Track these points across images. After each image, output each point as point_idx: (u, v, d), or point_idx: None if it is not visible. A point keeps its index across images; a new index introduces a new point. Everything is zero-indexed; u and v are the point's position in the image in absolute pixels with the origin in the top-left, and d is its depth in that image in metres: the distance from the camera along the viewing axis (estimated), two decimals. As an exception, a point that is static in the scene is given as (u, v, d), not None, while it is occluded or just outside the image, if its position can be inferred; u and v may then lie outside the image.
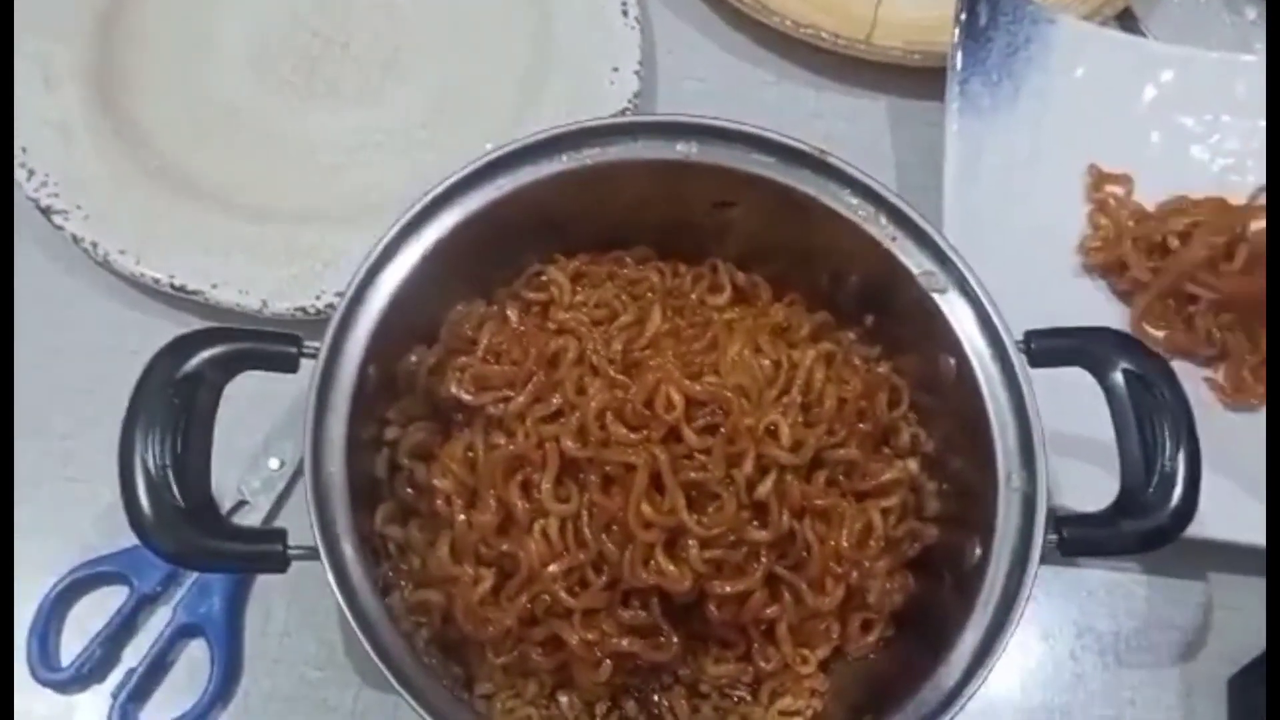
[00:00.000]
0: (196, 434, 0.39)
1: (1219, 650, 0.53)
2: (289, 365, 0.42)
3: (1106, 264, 0.59)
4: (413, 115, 0.62)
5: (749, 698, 0.47)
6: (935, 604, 0.46)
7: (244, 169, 0.59)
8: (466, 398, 0.46)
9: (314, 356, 0.42)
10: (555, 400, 0.45)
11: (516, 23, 0.63)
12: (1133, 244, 0.57)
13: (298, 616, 0.51)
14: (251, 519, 0.52)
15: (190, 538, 0.38)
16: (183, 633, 0.50)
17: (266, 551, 0.39)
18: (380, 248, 0.45)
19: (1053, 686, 0.52)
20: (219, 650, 0.49)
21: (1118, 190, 0.61)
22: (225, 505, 0.52)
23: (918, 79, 0.64)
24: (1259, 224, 0.58)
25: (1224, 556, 0.53)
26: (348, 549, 0.39)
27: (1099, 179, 0.61)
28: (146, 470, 0.38)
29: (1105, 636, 0.53)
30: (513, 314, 0.49)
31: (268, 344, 0.42)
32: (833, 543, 0.45)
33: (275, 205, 0.57)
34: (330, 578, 0.38)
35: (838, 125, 0.64)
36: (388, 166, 0.60)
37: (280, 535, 0.40)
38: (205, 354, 0.40)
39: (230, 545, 0.39)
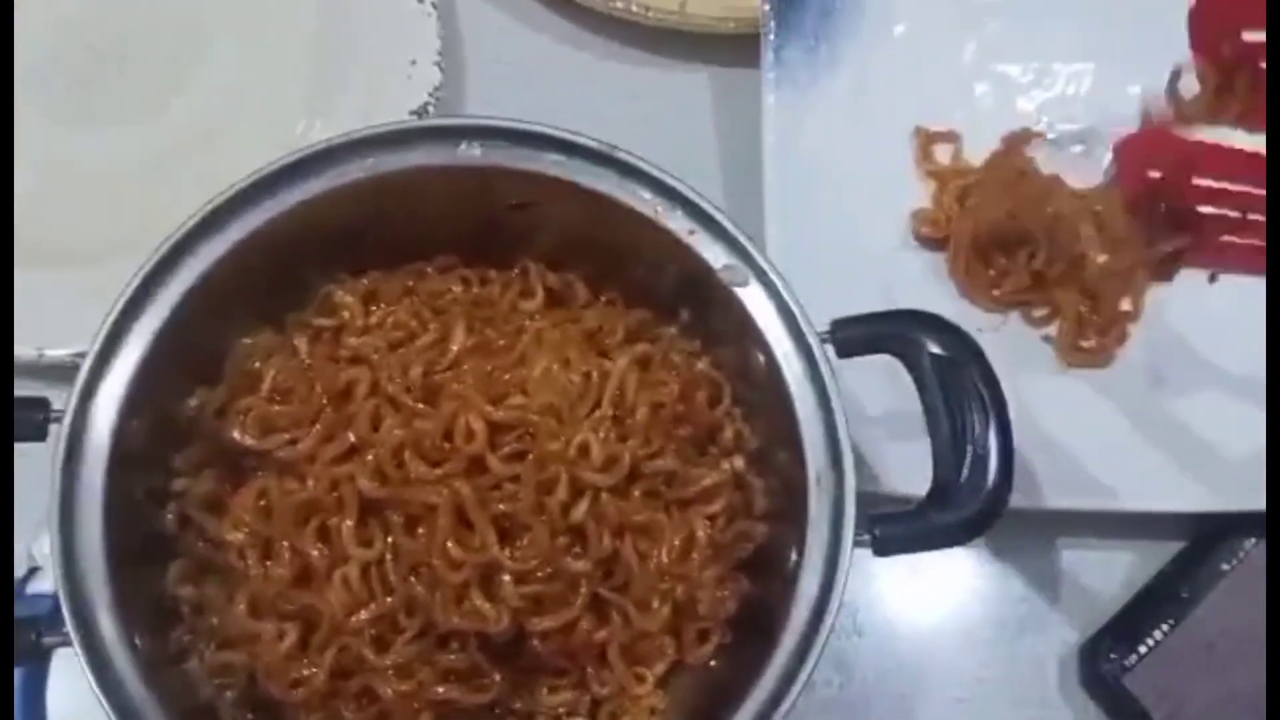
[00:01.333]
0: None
1: (1070, 619, 0.52)
2: (34, 434, 0.39)
3: (938, 239, 0.57)
4: (197, 130, 0.58)
5: (588, 724, 0.45)
6: (766, 606, 0.45)
7: (16, 205, 0.54)
8: (251, 443, 0.43)
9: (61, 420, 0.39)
10: (349, 438, 0.43)
11: (302, 20, 0.59)
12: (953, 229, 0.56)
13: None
14: (45, 585, 0.48)
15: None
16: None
17: (22, 642, 0.36)
18: (131, 289, 0.41)
19: (899, 674, 0.51)
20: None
21: (946, 148, 0.59)
22: (19, 570, 0.48)
23: (738, 47, 0.61)
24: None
25: (1071, 524, 0.52)
26: (110, 634, 0.36)
27: (925, 141, 0.59)
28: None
29: (952, 615, 0.52)
30: (301, 344, 0.46)
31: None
32: (654, 560, 0.43)
33: (52, 243, 0.53)
34: (87, 672, 0.35)
35: (658, 103, 0.61)
36: (174, 188, 0.55)
37: (35, 624, 0.37)
38: (-67, 432, 0.37)
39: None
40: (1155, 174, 0.57)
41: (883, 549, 0.40)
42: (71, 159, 0.57)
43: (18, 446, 0.39)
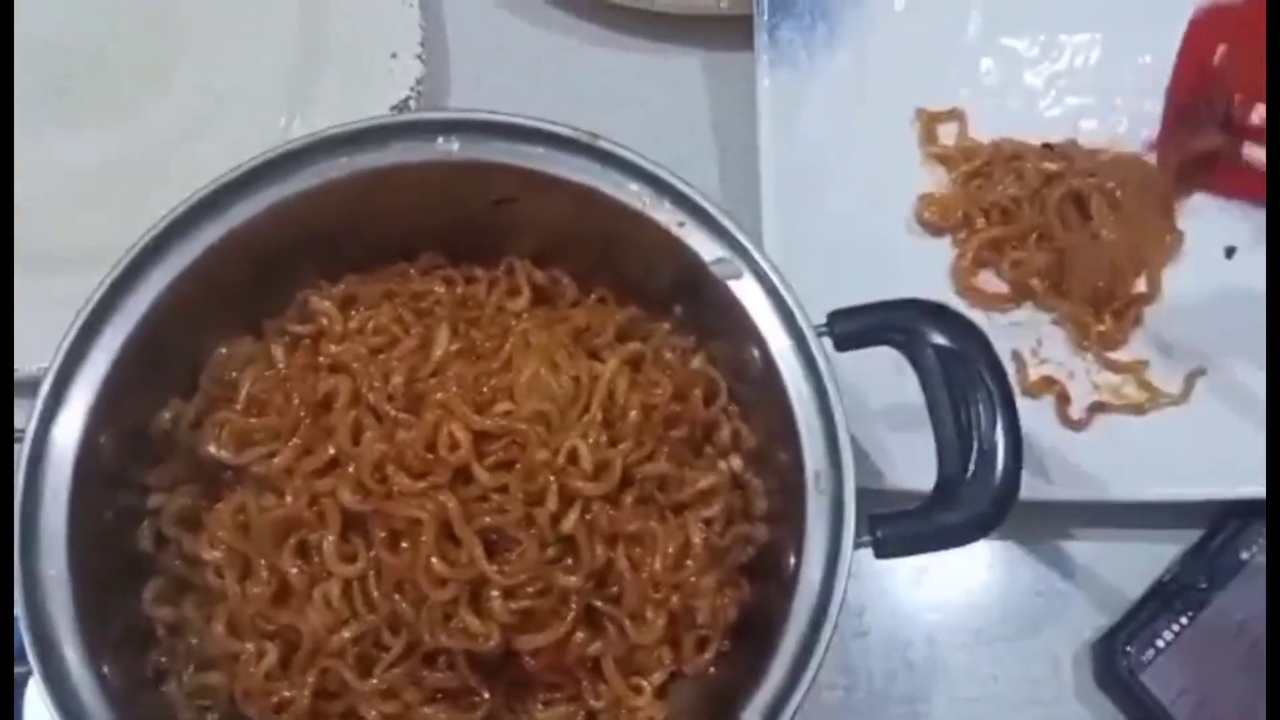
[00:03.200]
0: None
1: (1085, 614, 0.50)
2: (-2, 457, 0.37)
3: (945, 226, 0.55)
4: (176, 129, 0.56)
5: (585, 737, 0.44)
6: (767, 610, 0.43)
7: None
8: (227, 457, 0.42)
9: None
10: (329, 450, 0.41)
11: (282, 15, 0.57)
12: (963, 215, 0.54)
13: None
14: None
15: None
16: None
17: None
18: (96, 298, 0.40)
19: (908, 675, 0.49)
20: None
21: (951, 128, 0.57)
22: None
23: (731, 28, 0.58)
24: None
25: (1083, 514, 0.50)
26: (72, 660, 0.35)
27: (928, 121, 0.57)
28: None
29: (961, 612, 0.50)
30: (279, 352, 0.44)
31: (-32, 434, 0.37)
32: (647, 569, 0.42)
33: (26, 250, 0.51)
34: (49, 704, 0.34)
35: (649, 89, 0.59)
36: (149, 191, 0.53)
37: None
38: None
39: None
40: (1221, 49, 0.54)
41: (885, 551, 0.39)
42: (46, 162, 0.55)
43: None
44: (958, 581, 0.51)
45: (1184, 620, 0.49)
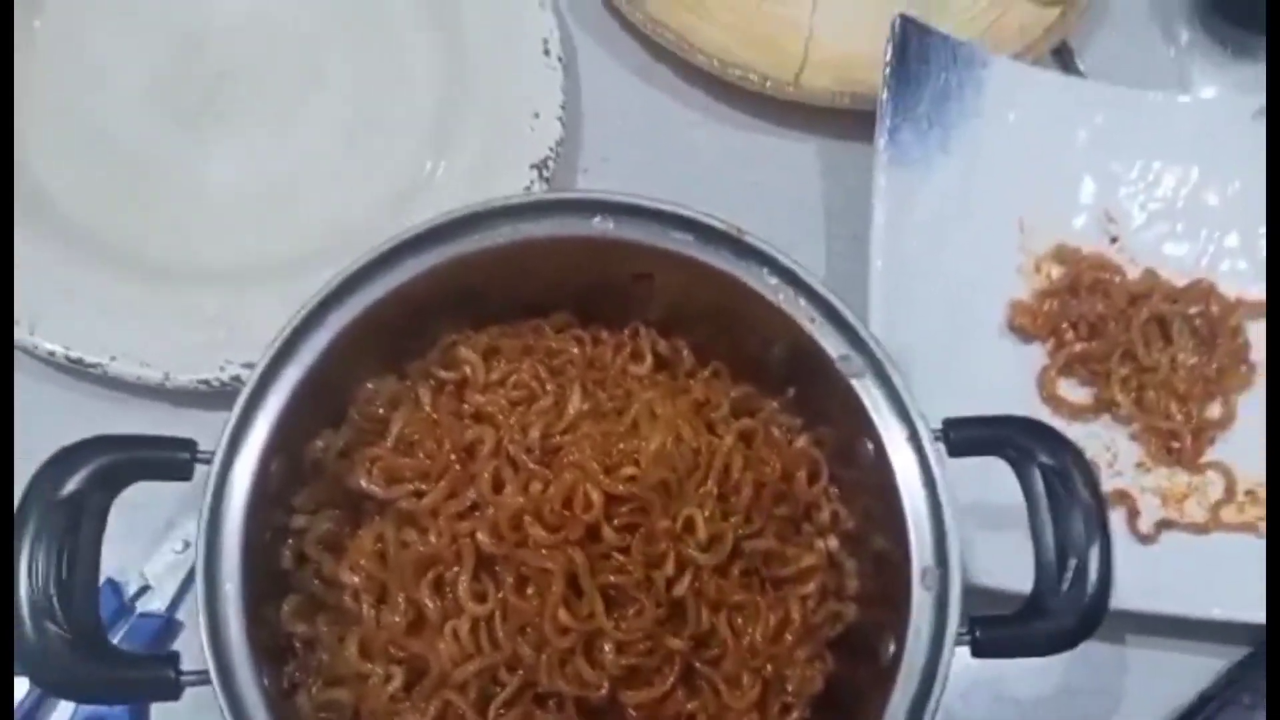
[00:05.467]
0: (82, 556, 0.37)
1: (1133, 717, 0.53)
2: (182, 473, 0.40)
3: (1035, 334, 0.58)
4: (320, 156, 0.59)
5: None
6: (853, 686, 0.46)
7: (142, 221, 0.56)
8: (377, 491, 0.45)
9: (209, 461, 0.40)
10: (470, 495, 0.44)
11: (430, 60, 0.60)
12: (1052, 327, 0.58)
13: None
14: (155, 604, 0.50)
15: (75, 670, 0.36)
16: (88, 721, 0.48)
17: (158, 678, 0.38)
18: (282, 339, 0.43)
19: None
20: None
21: (1049, 239, 0.61)
22: (129, 589, 0.50)
23: (849, 120, 0.62)
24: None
25: (1141, 623, 0.53)
26: (245, 677, 0.38)
27: (1028, 232, 0.60)
28: (31, 599, 0.36)
29: (1025, 704, 0.53)
30: (425, 395, 0.47)
31: (158, 450, 0.40)
32: (748, 638, 0.45)
33: (176, 263, 0.55)
34: (226, 713, 0.37)
35: (766, 170, 0.62)
36: (295, 216, 0.57)
37: (172, 660, 0.38)
38: (89, 468, 0.38)
39: (119, 674, 0.38)
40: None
41: (981, 651, 0.42)
42: (194, 179, 0.58)
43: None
44: (1017, 677, 0.54)
45: (1229, 732, 0.52)
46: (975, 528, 0.51)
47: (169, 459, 0.40)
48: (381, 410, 0.47)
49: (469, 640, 0.43)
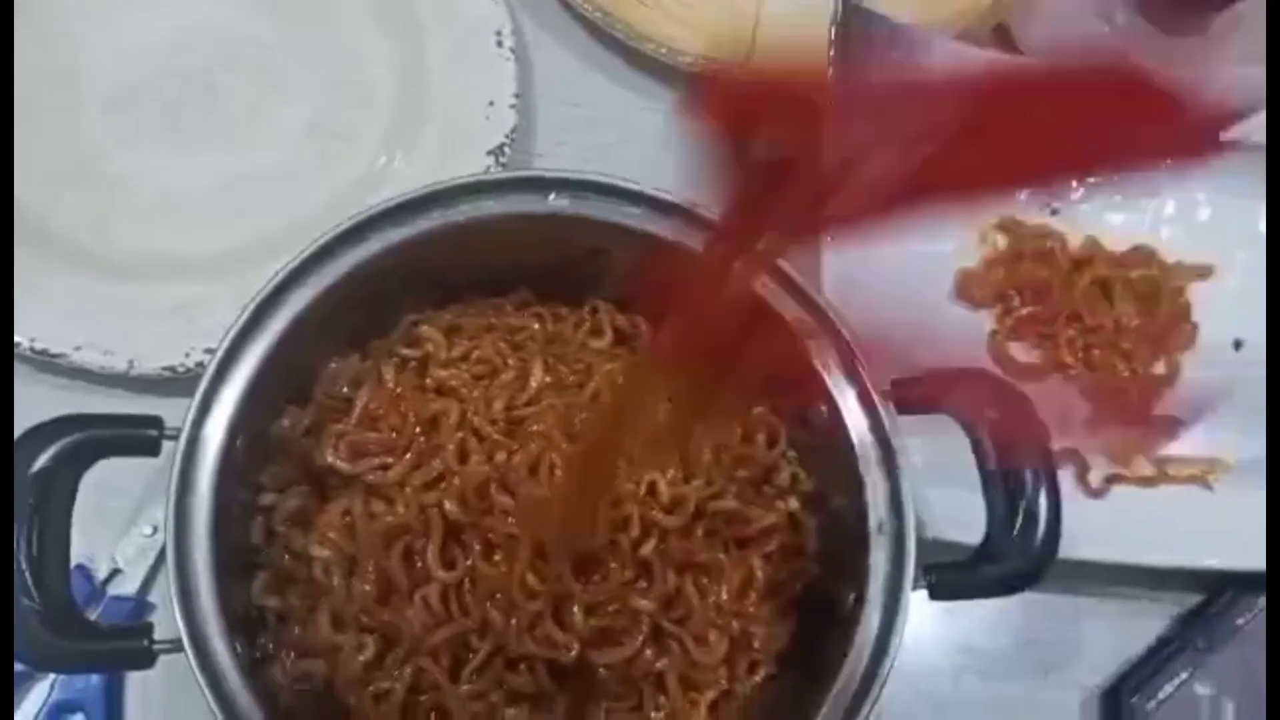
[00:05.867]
0: (52, 532, 0.38)
1: (1093, 663, 0.55)
2: (149, 449, 0.41)
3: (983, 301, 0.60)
4: (279, 158, 0.60)
5: (640, 746, 0.48)
6: (816, 640, 0.48)
7: (106, 220, 0.57)
8: (343, 466, 0.46)
9: (175, 438, 0.41)
10: (436, 465, 0.45)
11: (385, 59, 0.61)
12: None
13: (179, 693, 0.50)
14: (126, 588, 0.50)
15: (50, 642, 0.37)
16: (60, 710, 0.48)
17: (131, 649, 0.38)
18: (243, 319, 0.44)
19: (929, 708, 0.53)
20: (98, 728, 0.48)
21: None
22: (100, 573, 0.51)
23: (799, 102, 0.64)
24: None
25: (1095, 572, 0.55)
26: (217, 644, 0.39)
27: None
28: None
29: (985, 655, 0.55)
30: (388, 373, 0.48)
31: (126, 428, 0.41)
32: (713, 596, 0.46)
33: (140, 258, 0.56)
34: (199, 679, 0.37)
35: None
36: (255, 212, 0.58)
37: (145, 631, 0.39)
38: (57, 446, 0.39)
39: (92, 646, 0.38)
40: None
41: (938, 594, 0.43)
42: (158, 180, 0.59)
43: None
44: (972, 626, 0.55)
45: (1184, 676, 0.53)
46: (930, 484, 0.53)
47: (136, 436, 0.41)
48: (345, 389, 0.48)
49: (439, 607, 0.44)
